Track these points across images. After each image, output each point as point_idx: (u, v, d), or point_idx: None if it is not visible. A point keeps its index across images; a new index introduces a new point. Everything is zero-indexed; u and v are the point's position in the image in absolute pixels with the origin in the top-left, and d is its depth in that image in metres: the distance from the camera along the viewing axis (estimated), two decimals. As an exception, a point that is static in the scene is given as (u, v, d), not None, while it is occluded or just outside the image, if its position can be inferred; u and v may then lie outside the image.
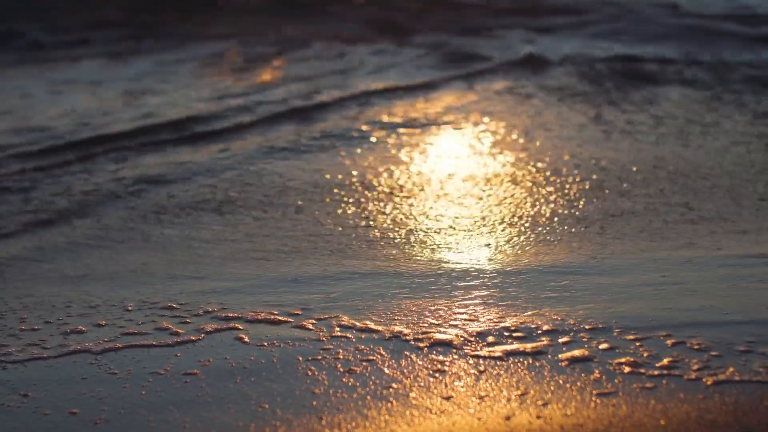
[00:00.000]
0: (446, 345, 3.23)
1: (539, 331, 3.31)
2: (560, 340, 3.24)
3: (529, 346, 3.21)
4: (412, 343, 3.25)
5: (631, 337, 3.25)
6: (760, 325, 3.33)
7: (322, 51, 10.55)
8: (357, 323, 3.42)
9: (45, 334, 3.37)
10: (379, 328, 3.38)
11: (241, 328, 3.41)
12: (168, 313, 3.55)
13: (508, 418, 2.75)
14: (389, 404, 2.84)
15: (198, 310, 3.57)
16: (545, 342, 3.23)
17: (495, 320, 3.42)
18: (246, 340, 3.30)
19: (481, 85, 8.51)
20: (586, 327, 3.34)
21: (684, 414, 2.74)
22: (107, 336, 3.34)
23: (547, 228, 4.53)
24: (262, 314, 3.53)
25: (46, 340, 3.32)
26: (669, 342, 3.20)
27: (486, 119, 7.06)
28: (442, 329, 3.35)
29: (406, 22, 12.07)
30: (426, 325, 3.39)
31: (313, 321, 3.45)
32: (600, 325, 3.35)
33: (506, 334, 3.30)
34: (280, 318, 3.49)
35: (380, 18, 12.28)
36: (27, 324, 3.46)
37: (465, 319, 3.43)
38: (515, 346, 3.21)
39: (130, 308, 3.60)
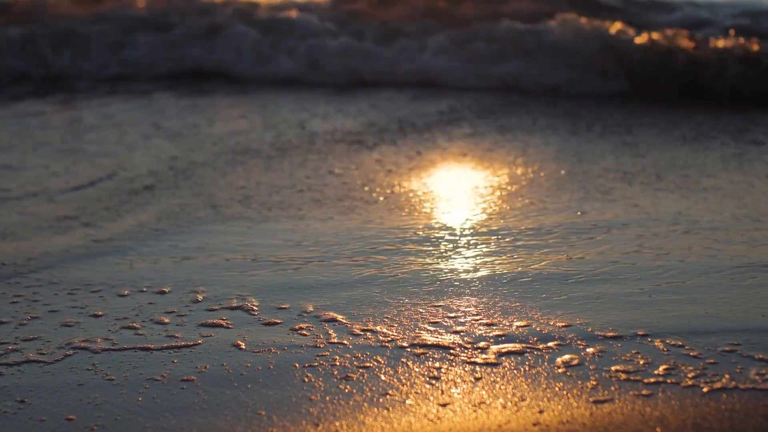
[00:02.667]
0: (442, 352, 3.23)
1: (535, 339, 3.31)
2: (556, 348, 3.24)
3: (525, 353, 3.21)
4: (409, 349, 3.25)
5: (627, 344, 3.26)
6: (755, 332, 3.34)
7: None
8: (353, 330, 3.42)
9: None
10: (376, 334, 3.38)
11: (237, 334, 3.41)
12: (165, 317, 3.55)
13: (504, 425, 2.75)
14: (386, 411, 2.84)
15: (194, 316, 3.57)
16: (541, 349, 3.23)
17: (491, 327, 3.42)
18: (242, 346, 3.30)
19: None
20: (582, 334, 3.34)
21: (680, 421, 2.74)
22: (103, 337, 3.35)
23: (542, 235, 4.54)
24: (259, 321, 3.53)
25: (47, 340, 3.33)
26: (665, 349, 3.21)
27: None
28: (438, 336, 3.35)
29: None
30: (422, 332, 3.39)
31: (310, 327, 3.45)
32: (596, 333, 3.35)
33: (502, 341, 3.30)
34: (277, 324, 3.49)
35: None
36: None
37: (461, 327, 3.43)
38: (511, 353, 3.21)
39: (127, 313, 3.61)
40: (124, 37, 11.01)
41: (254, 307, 3.65)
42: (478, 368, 3.11)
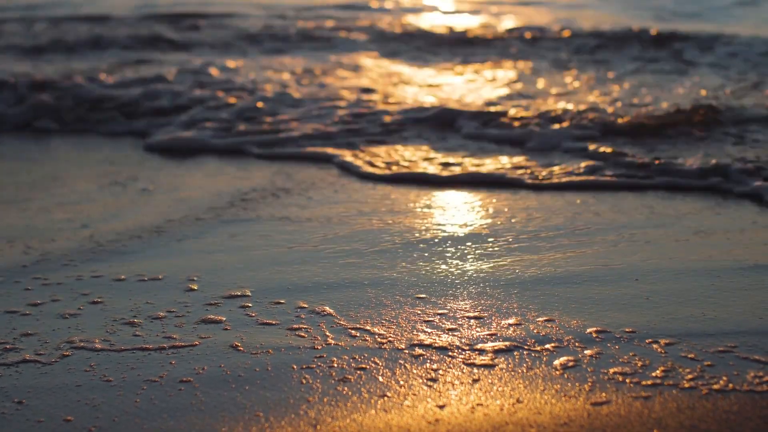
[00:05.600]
0: (440, 354, 3.23)
1: (533, 341, 3.32)
2: (553, 349, 3.24)
3: (522, 355, 3.21)
4: (406, 351, 3.26)
5: (625, 346, 3.26)
6: (753, 335, 3.34)
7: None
8: (351, 331, 3.42)
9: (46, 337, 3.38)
10: (374, 336, 3.38)
11: (235, 335, 3.41)
12: (162, 318, 3.55)
13: (502, 427, 2.75)
14: (384, 413, 2.84)
15: (192, 316, 3.57)
16: (539, 351, 3.23)
17: (489, 329, 3.42)
18: (240, 347, 3.30)
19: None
20: (579, 336, 3.34)
21: (678, 424, 2.74)
22: (101, 337, 3.35)
23: (538, 237, 4.54)
24: (256, 322, 3.53)
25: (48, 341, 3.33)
26: (662, 351, 3.21)
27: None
28: (435, 338, 3.35)
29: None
30: (420, 333, 3.39)
31: (307, 329, 3.45)
32: (593, 334, 3.35)
33: (500, 343, 3.30)
34: (274, 325, 3.49)
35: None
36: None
37: (458, 328, 3.43)
38: (509, 355, 3.21)
39: (125, 313, 3.61)
40: None
41: (251, 308, 3.65)
42: (475, 370, 3.11)
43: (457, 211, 5.07)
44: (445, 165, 5.97)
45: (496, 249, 4.34)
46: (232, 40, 12.41)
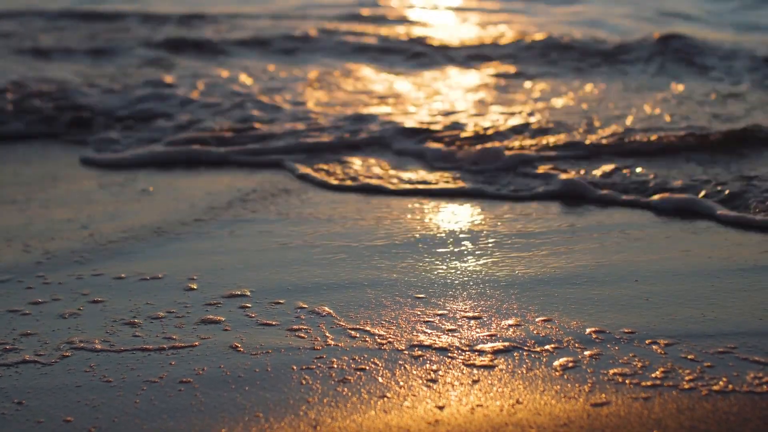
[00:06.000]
0: (440, 354, 3.23)
1: (533, 341, 3.32)
2: (553, 350, 3.25)
3: (522, 355, 3.21)
4: (406, 352, 3.26)
5: (624, 347, 3.26)
6: (751, 335, 3.34)
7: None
8: (351, 332, 3.42)
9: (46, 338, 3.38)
10: (373, 337, 3.38)
11: (234, 335, 3.41)
12: (162, 319, 3.55)
13: (501, 428, 2.75)
14: (383, 413, 2.85)
15: (192, 317, 3.57)
16: (539, 351, 3.24)
17: (488, 330, 3.42)
18: (240, 348, 3.30)
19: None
20: (579, 337, 3.35)
21: (678, 424, 2.75)
22: (101, 338, 3.35)
23: (537, 238, 4.54)
24: (256, 322, 3.53)
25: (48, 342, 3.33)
26: (662, 352, 3.21)
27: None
28: (435, 338, 3.36)
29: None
30: (419, 334, 3.40)
31: (307, 329, 3.45)
32: (593, 335, 3.36)
33: (499, 343, 3.31)
34: (274, 326, 3.49)
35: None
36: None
37: (458, 329, 3.44)
38: (508, 355, 3.22)
39: (125, 314, 3.61)
40: None
41: (251, 309, 3.65)
42: (475, 371, 3.11)
43: (454, 215, 5.07)
44: (441, 176, 5.96)
45: (495, 250, 4.34)
46: (242, 42, 12.36)
